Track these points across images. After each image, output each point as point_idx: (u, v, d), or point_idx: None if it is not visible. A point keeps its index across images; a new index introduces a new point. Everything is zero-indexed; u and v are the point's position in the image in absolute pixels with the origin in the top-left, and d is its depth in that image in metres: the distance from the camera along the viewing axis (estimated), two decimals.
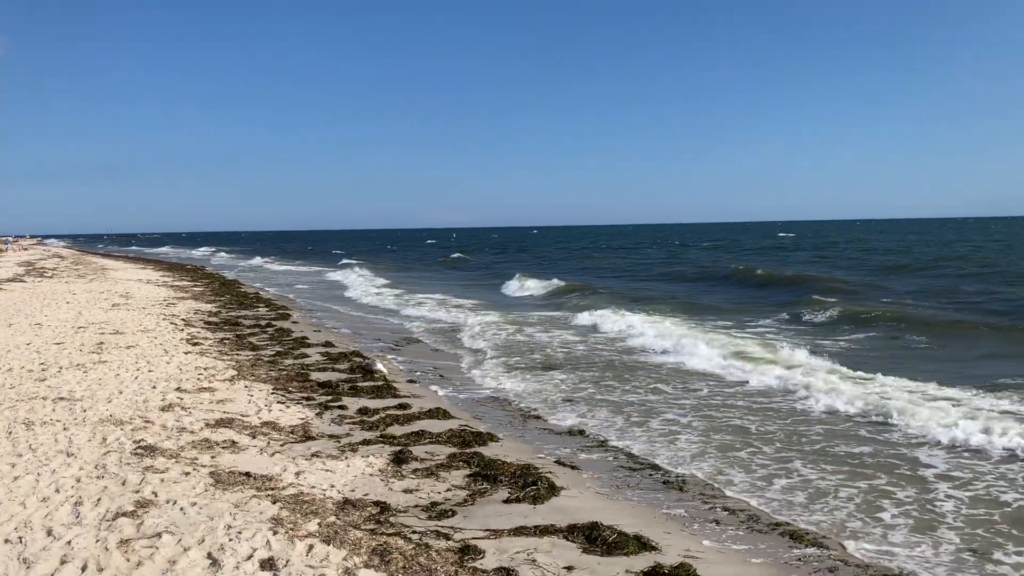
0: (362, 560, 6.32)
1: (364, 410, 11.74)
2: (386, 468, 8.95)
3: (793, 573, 6.58)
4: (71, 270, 47.23)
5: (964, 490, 8.50)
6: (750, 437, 10.67)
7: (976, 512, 7.90)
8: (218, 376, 13.93)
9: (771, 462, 9.59)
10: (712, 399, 13.09)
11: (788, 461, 9.61)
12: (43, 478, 8.15)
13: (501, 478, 8.59)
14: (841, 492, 8.52)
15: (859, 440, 10.43)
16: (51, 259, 63.69)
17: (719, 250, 75.57)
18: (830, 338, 19.81)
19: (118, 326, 20.22)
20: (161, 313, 23.79)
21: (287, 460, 9.10)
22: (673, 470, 9.33)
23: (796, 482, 8.88)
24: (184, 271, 50.39)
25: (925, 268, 43.13)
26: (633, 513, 7.86)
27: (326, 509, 7.51)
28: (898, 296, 29.04)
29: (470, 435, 10.36)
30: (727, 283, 38.58)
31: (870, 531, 7.49)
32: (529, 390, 13.93)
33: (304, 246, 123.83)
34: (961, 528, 7.53)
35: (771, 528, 7.58)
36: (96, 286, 34.03)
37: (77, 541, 6.55)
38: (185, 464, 8.78)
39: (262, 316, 24.30)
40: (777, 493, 8.55)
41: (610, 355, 17.68)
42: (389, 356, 17.61)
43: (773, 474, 9.15)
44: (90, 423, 10.38)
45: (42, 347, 16.57)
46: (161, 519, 7.09)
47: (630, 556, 6.67)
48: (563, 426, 11.43)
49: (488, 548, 6.69)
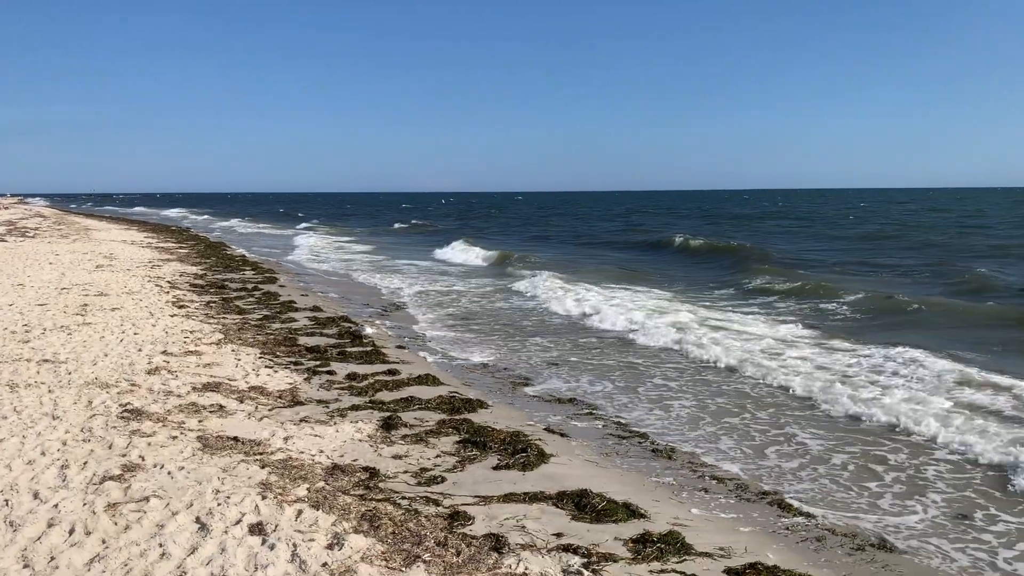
0: (351, 525, 6.37)
1: (353, 375, 11.76)
2: (375, 434, 8.99)
3: (780, 542, 6.67)
4: (54, 230, 46.84)
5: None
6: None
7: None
8: (205, 340, 13.91)
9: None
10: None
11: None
12: (28, 441, 8.16)
13: (491, 445, 8.65)
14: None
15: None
16: (33, 218, 63.09)
17: (695, 218, 76.39)
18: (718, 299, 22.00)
19: (102, 288, 20.12)
20: (146, 275, 23.68)
21: (275, 425, 9.12)
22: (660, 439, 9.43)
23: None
24: (169, 232, 50.05)
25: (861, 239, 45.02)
26: (622, 481, 7.94)
27: (315, 474, 7.55)
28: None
29: (460, 401, 10.41)
30: (662, 251, 40.58)
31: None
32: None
33: (287, 207, 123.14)
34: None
35: (759, 497, 7.68)
36: (79, 247, 33.79)
37: (64, 504, 6.57)
38: (172, 428, 8.80)
39: (249, 279, 24.21)
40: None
41: (514, 314, 19.25)
42: (378, 321, 17.62)
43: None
44: (75, 386, 10.37)
45: (25, 308, 16.48)
46: (148, 483, 7.12)
47: (619, 523, 6.75)
48: (542, 390, 11.49)
49: (477, 514, 6.76)
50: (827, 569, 6.15)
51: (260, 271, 27.00)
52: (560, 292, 21.86)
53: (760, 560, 6.10)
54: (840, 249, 38.67)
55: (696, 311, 18.79)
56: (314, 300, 20.17)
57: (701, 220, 72.91)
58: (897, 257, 33.69)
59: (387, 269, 30.88)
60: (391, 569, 5.66)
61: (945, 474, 8.30)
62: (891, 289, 22.50)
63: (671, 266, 32.42)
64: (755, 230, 56.23)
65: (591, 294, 21.41)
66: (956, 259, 31.31)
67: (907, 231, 50.53)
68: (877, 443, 9.23)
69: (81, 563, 5.59)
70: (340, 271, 29.81)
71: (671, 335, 15.47)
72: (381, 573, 5.58)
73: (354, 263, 33.26)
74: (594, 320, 17.89)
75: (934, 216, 71.30)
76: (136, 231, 50.00)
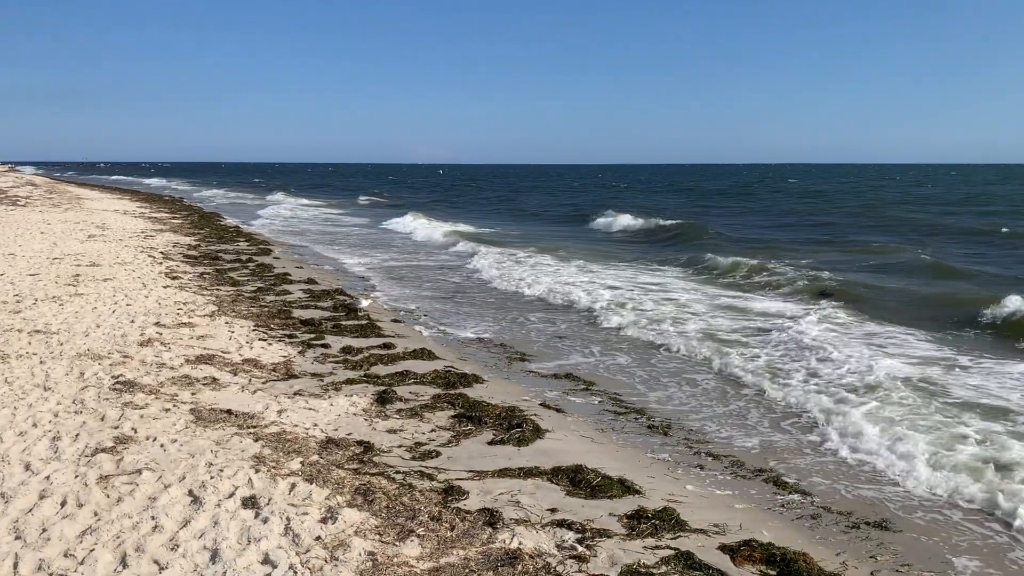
0: (345, 499, 6.40)
1: (348, 349, 11.77)
2: (370, 408, 9.02)
3: (776, 519, 6.72)
4: (45, 199, 46.63)
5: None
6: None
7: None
8: (198, 311, 13.90)
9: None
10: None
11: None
12: (19, 412, 8.17)
13: (486, 420, 8.68)
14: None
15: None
16: (24, 187, 62.77)
17: (661, 194, 77.37)
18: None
19: (94, 258, 20.07)
20: (139, 245, 23.61)
21: (269, 398, 9.14)
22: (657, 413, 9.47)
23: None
24: (162, 202, 49.84)
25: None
26: (617, 457, 7.98)
27: (309, 448, 7.58)
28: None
29: (455, 376, 10.43)
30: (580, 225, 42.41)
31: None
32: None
33: (271, 178, 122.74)
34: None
35: (755, 474, 7.72)
36: (71, 216, 33.67)
37: (56, 476, 6.60)
38: (165, 400, 8.81)
39: (243, 251, 24.17)
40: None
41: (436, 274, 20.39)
42: (373, 294, 17.61)
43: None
44: (67, 357, 10.37)
45: (16, 278, 16.45)
46: (141, 456, 7.14)
47: (614, 499, 6.79)
48: (547, 368, 11.52)
49: (472, 489, 6.79)
50: (822, 546, 6.19)
51: (255, 243, 26.94)
52: (479, 260, 23.96)
53: (755, 537, 6.14)
54: (765, 225, 40.57)
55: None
56: (309, 272, 20.14)
57: (667, 194, 74.51)
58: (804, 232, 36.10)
59: (330, 237, 33.10)
60: (385, 543, 5.70)
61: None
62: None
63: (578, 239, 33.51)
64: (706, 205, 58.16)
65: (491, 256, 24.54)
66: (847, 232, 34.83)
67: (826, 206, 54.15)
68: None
69: (73, 535, 5.62)
70: (289, 241, 30.57)
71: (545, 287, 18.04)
72: (375, 547, 5.61)
73: (308, 233, 34.85)
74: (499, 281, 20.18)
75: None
76: (129, 201, 49.79)
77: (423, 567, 5.38)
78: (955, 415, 9.24)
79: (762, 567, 5.74)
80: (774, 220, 43.51)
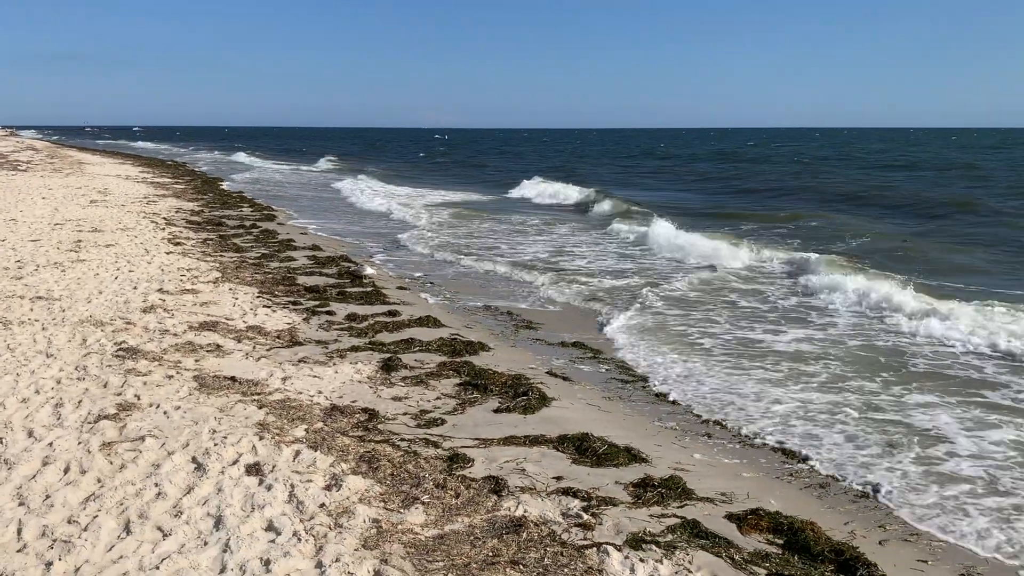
0: (350, 467, 6.45)
1: (352, 316, 11.80)
2: (375, 375, 9.06)
3: (783, 488, 6.75)
4: (46, 164, 46.63)
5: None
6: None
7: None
8: (201, 278, 13.94)
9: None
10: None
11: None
12: (22, 379, 8.23)
13: (492, 388, 8.71)
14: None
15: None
16: (25, 151, 62.78)
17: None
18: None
19: (96, 224, 20.11)
20: (141, 211, 23.63)
21: (273, 365, 9.19)
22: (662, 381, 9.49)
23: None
24: (165, 167, 49.80)
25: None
26: (624, 425, 8.01)
27: (313, 415, 7.63)
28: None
29: (461, 344, 10.45)
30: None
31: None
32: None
33: (268, 142, 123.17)
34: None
35: (763, 443, 7.74)
36: (73, 181, 33.67)
37: (59, 443, 6.66)
38: (168, 367, 8.87)
39: (247, 216, 24.18)
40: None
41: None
42: (378, 261, 17.62)
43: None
44: (69, 323, 10.43)
45: (17, 244, 16.51)
46: (144, 422, 7.20)
47: (620, 467, 6.83)
48: (556, 338, 11.55)
49: (477, 457, 6.84)
50: (830, 516, 6.23)
51: (258, 208, 26.94)
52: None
53: (762, 506, 6.18)
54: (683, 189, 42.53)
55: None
56: (313, 239, 20.15)
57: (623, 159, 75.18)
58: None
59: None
60: (389, 510, 5.75)
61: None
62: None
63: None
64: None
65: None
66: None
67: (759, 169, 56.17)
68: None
69: (76, 502, 5.68)
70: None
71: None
72: (379, 514, 5.67)
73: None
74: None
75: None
76: (131, 166, 49.75)
77: (428, 534, 5.43)
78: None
79: (769, 536, 5.78)
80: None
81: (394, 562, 5.03)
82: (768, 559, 5.42)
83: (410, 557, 5.11)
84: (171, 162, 58.60)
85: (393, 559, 5.07)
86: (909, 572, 5.46)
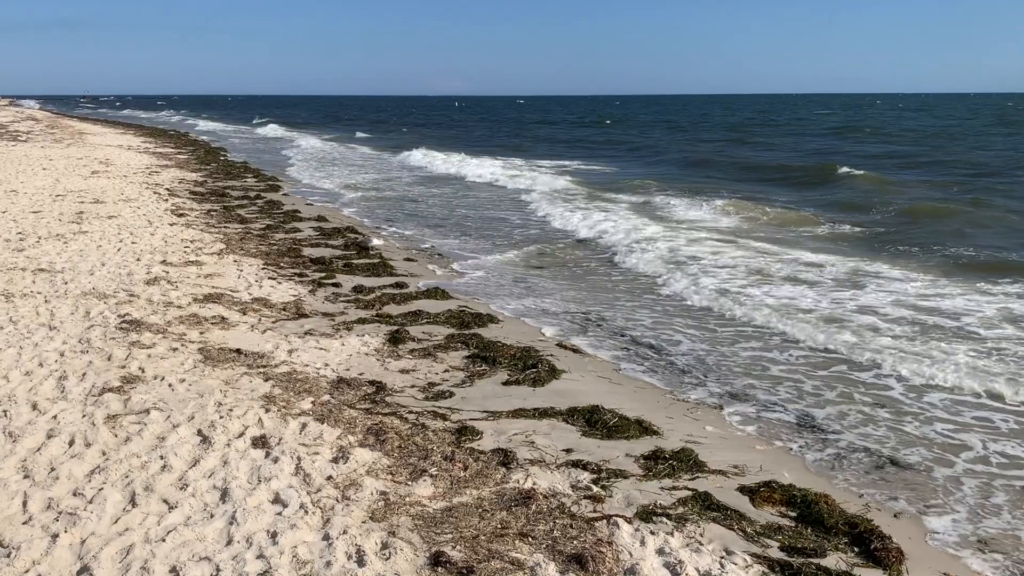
0: (357, 439, 6.51)
1: (359, 288, 11.84)
2: (382, 348, 9.10)
3: (797, 460, 6.77)
4: (46, 134, 46.71)
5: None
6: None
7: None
8: (205, 249, 13.99)
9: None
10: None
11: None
12: (25, 351, 8.31)
13: (500, 360, 8.74)
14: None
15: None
16: (25, 122, 62.88)
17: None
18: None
19: (98, 195, 20.17)
20: (144, 182, 23.68)
21: (279, 338, 9.24)
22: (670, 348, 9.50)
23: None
24: (167, 137, 49.83)
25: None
26: (635, 398, 8.04)
27: (320, 388, 7.68)
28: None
29: (469, 316, 10.48)
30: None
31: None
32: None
33: (265, 111, 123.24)
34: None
35: (777, 415, 7.75)
36: (74, 152, 33.74)
37: (63, 416, 6.74)
38: (172, 340, 8.93)
39: (251, 187, 24.20)
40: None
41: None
42: (385, 232, 17.63)
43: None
44: (72, 296, 10.50)
45: (19, 215, 16.58)
46: (149, 395, 7.27)
47: (631, 440, 6.86)
48: (567, 311, 11.56)
49: (486, 430, 6.88)
50: (843, 488, 6.25)
51: (263, 179, 26.96)
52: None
53: (775, 479, 6.21)
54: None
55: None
56: (319, 210, 20.16)
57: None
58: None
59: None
60: (397, 483, 5.80)
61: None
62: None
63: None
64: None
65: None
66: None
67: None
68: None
69: (81, 474, 5.75)
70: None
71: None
72: (387, 487, 5.72)
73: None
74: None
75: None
76: (133, 135, 49.79)
77: (436, 507, 5.48)
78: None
79: (782, 508, 5.81)
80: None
81: (402, 534, 5.09)
82: (781, 531, 5.46)
83: (418, 529, 5.17)
84: (173, 132, 58.58)
85: (401, 531, 5.12)
86: (924, 546, 5.49)
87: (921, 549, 5.44)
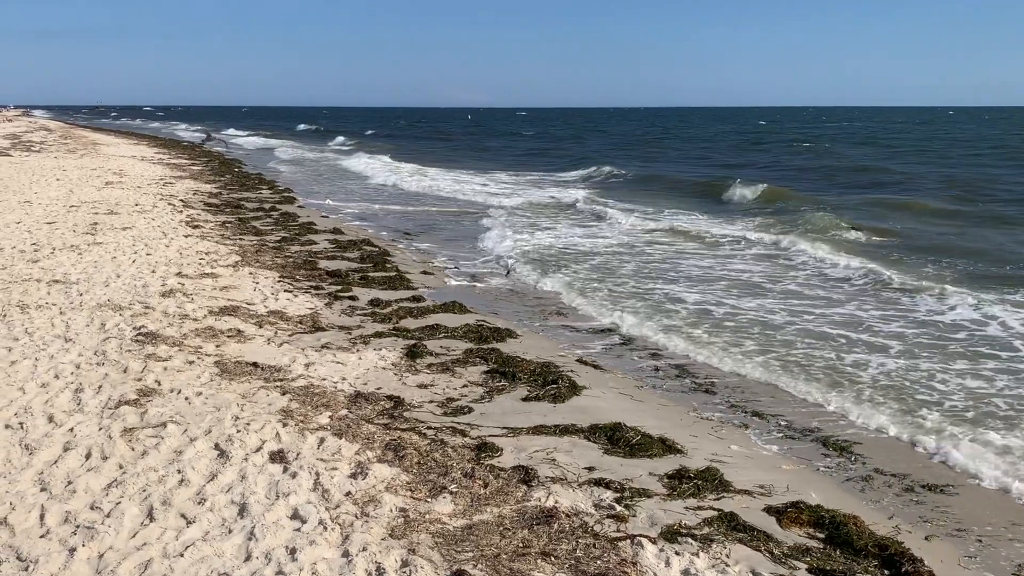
0: (375, 455, 6.52)
1: (376, 301, 11.88)
2: (399, 362, 9.13)
3: (825, 480, 6.74)
4: (60, 144, 47.19)
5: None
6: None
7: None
8: (221, 261, 14.09)
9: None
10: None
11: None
12: (41, 363, 8.38)
13: (520, 376, 8.75)
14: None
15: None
16: (38, 132, 63.54)
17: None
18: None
19: (112, 206, 20.35)
20: (158, 193, 23.88)
21: (296, 351, 9.28)
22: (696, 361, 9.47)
23: None
24: (181, 148, 50.25)
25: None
26: (658, 415, 8.03)
27: (338, 402, 7.71)
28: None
29: (487, 330, 10.50)
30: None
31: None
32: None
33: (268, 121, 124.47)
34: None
35: (803, 434, 7.73)
36: (87, 162, 34.08)
37: (79, 428, 6.79)
38: (189, 352, 8.99)
39: (265, 199, 24.37)
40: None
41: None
42: (401, 244, 17.70)
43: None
44: (87, 307, 10.59)
45: (33, 226, 16.75)
46: (165, 408, 7.31)
47: (654, 458, 6.85)
48: (589, 325, 11.56)
49: (506, 446, 6.88)
50: (874, 509, 6.22)
51: (277, 191, 27.14)
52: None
53: (802, 499, 6.17)
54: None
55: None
56: (334, 222, 20.27)
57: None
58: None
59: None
60: (416, 499, 5.81)
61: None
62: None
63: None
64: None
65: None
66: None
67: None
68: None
69: (99, 488, 5.79)
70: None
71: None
72: (406, 503, 5.73)
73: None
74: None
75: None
76: (146, 146, 50.23)
77: (456, 524, 5.48)
78: None
79: (810, 529, 5.78)
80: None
81: (422, 552, 5.09)
82: (809, 553, 5.43)
83: (438, 547, 5.17)
84: (186, 143, 59.09)
85: (421, 549, 5.13)
86: (957, 569, 5.45)
87: (954, 572, 5.40)
